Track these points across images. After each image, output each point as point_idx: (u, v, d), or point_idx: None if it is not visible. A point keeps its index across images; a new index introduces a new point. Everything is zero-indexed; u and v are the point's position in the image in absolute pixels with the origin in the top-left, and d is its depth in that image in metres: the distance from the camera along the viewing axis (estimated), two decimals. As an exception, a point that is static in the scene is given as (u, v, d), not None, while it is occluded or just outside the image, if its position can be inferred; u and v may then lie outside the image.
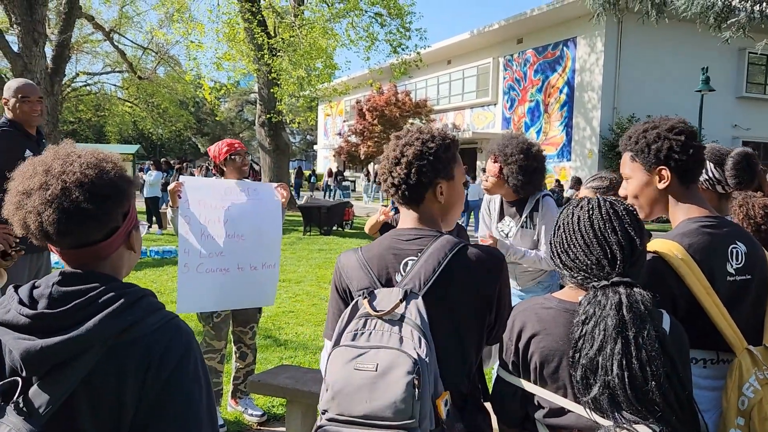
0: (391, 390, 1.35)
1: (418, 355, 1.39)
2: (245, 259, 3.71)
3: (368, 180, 29.12)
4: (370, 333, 1.46)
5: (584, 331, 1.35)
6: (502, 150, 3.27)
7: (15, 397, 1.10)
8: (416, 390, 1.35)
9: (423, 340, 1.42)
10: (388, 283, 1.58)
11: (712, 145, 2.27)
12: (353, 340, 1.47)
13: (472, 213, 16.34)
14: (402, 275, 1.57)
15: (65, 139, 1.34)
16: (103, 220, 1.18)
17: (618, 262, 1.39)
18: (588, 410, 1.34)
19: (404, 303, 1.48)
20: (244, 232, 3.69)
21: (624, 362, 1.29)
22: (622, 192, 1.88)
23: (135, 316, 1.16)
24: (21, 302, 1.15)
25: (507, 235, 3.41)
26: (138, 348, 1.14)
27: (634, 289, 1.35)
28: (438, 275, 1.53)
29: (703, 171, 2.16)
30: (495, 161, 3.30)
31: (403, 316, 1.46)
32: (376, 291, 1.54)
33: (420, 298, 1.50)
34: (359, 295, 1.56)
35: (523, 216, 3.35)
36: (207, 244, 3.59)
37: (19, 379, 1.11)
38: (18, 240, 2.81)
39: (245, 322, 3.99)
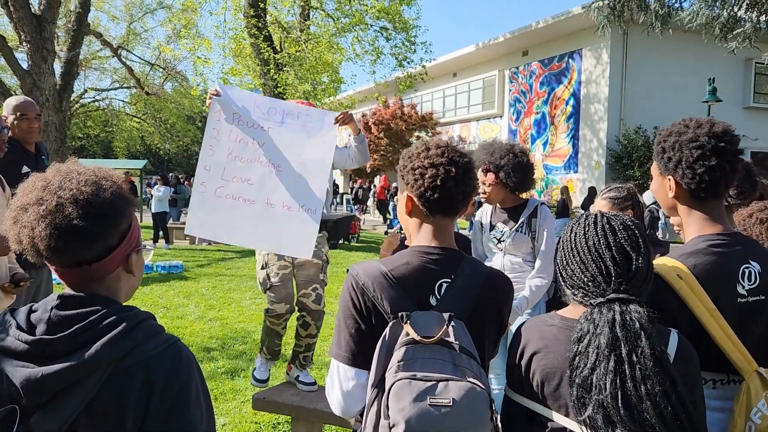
0: (473, 425, 1.31)
1: (485, 386, 1.36)
2: (279, 195, 3.13)
3: None
4: (422, 361, 1.38)
5: (579, 349, 1.32)
6: (491, 159, 3.30)
7: (15, 427, 1.07)
8: (493, 422, 1.34)
9: (482, 370, 1.40)
10: (423, 305, 1.51)
11: None
12: (407, 370, 1.37)
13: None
14: (437, 298, 1.52)
15: (71, 156, 1.33)
16: (95, 239, 1.15)
17: (613, 278, 1.36)
18: (584, 429, 1.31)
19: (450, 329, 1.42)
20: (282, 163, 3.13)
21: (617, 380, 1.26)
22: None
23: (136, 340, 1.14)
24: (19, 327, 1.13)
25: (499, 240, 3.37)
26: (139, 373, 1.12)
27: (630, 306, 1.32)
28: (476, 300, 1.52)
29: None
30: (487, 171, 3.31)
31: (461, 346, 1.40)
32: (414, 314, 1.45)
33: (463, 323, 1.46)
34: (395, 318, 1.46)
35: (520, 220, 3.32)
36: (233, 166, 3.09)
37: (17, 408, 1.08)
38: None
39: (306, 283, 3.56)
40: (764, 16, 9.39)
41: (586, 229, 1.43)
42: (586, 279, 1.39)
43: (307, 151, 3.17)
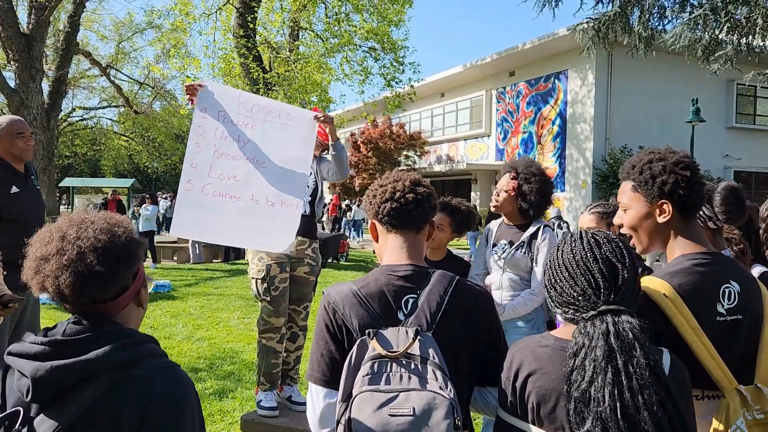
0: None
1: (451, 395, 1.37)
2: (263, 190, 3.15)
3: None
4: (387, 375, 1.41)
5: (575, 363, 1.33)
6: (526, 168, 3.25)
7: (17, 426, 1.15)
8: (457, 431, 1.35)
9: (448, 380, 1.41)
10: (391, 321, 1.54)
11: None
12: (372, 384, 1.40)
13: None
14: (405, 313, 1.56)
15: (78, 208, 1.43)
16: (114, 281, 1.27)
17: (602, 290, 1.38)
18: None
19: (417, 342, 1.45)
20: (266, 159, 3.17)
21: (615, 392, 1.26)
22: (617, 221, 1.83)
23: (140, 354, 1.23)
24: (36, 336, 1.23)
25: (500, 257, 3.32)
26: (138, 386, 1.19)
27: (621, 316, 1.33)
28: (442, 311, 1.54)
29: None
30: (514, 177, 3.26)
31: (423, 357, 1.43)
32: (382, 331, 1.49)
33: (431, 335, 1.49)
34: (363, 335, 1.50)
35: (521, 240, 3.27)
36: (220, 163, 3.08)
37: (21, 410, 1.16)
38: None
39: (299, 300, 3.68)
40: (744, 38, 9.60)
41: (573, 245, 1.45)
42: (575, 294, 1.41)
43: (288, 148, 3.24)
